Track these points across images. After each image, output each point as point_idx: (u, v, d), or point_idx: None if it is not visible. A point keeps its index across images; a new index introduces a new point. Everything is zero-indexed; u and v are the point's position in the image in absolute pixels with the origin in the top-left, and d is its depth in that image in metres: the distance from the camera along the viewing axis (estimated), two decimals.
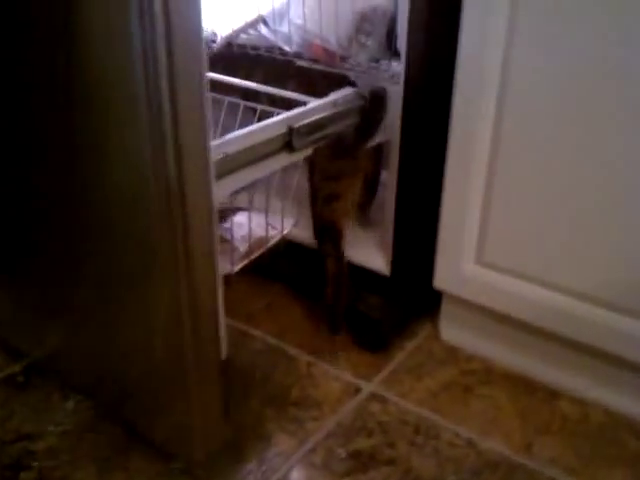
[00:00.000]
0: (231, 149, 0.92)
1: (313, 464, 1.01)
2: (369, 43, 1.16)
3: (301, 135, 1.01)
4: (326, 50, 1.18)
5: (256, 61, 1.29)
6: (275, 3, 1.22)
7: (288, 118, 1.01)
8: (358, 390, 1.15)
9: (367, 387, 1.15)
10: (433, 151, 1.12)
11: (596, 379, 1.12)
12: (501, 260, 1.11)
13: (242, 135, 0.94)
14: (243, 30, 1.29)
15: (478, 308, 1.17)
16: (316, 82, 1.30)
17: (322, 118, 1.05)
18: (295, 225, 1.18)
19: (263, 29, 1.26)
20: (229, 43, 1.31)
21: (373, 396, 1.13)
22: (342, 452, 1.03)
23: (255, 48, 1.28)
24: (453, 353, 1.23)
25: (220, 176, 0.91)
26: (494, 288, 1.12)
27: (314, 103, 1.06)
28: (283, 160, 1.02)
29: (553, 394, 1.15)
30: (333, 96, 1.10)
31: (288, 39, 1.21)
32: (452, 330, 1.26)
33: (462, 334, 1.24)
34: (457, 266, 1.15)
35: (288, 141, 1.00)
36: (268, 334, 1.27)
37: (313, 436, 1.05)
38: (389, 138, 1.15)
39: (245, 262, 1.09)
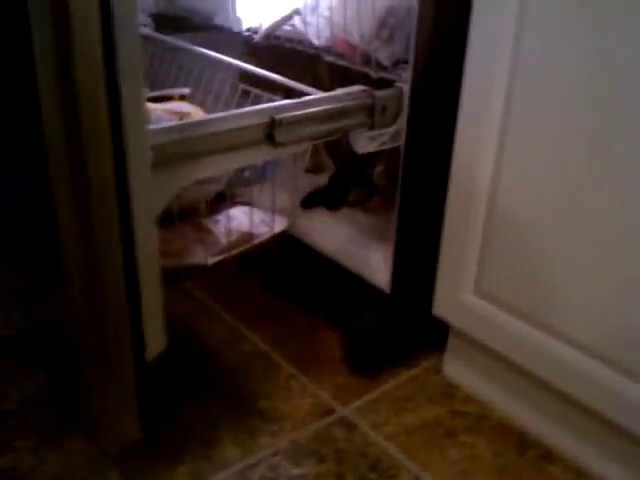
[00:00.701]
0: (196, 132, 0.87)
1: (246, 478, 0.93)
2: (392, 40, 1.07)
3: (285, 128, 0.94)
4: (349, 45, 1.11)
5: (289, 54, 1.25)
6: None
7: (271, 108, 0.94)
8: (330, 412, 1.06)
9: (340, 411, 1.06)
10: (439, 162, 1.01)
11: (599, 448, 0.95)
12: (499, 293, 0.98)
13: (213, 118, 0.90)
14: (280, 23, 1.25)
15: (481, 344, 1.04)
16: (336, 78, 1.24)
17: (314, 112, 0.97)
18: (291, 225, 1.12)
19: (297, 21, 1.21)
20: (268, 35, 1.28)
21: (342, 421, 1.04)
22: (283, 473, 0.95)
23: (290, 41, 1.24)
24: (450, 391, 1.11)
25: (182, 159, 0.87)
26: (490, 322, 0.99)
27: (309, 97, 0.99)
28: (264, 153, 0.96)
29: (546, 456, 0.99)
30: (336, 92, 1.02)
31: (317, 32, 1.16)
32: (455, 366, 1.13)
33: (464, 372, 1.12)
34: (455, 294, 1.03)
35: (269, 133, 0.94)
36: (262, 339, 1.21)
37: (261, 451, 0.98)
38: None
39: (223, 256, 1.04)
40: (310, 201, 1.26)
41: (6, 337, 1.19)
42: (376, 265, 1.15)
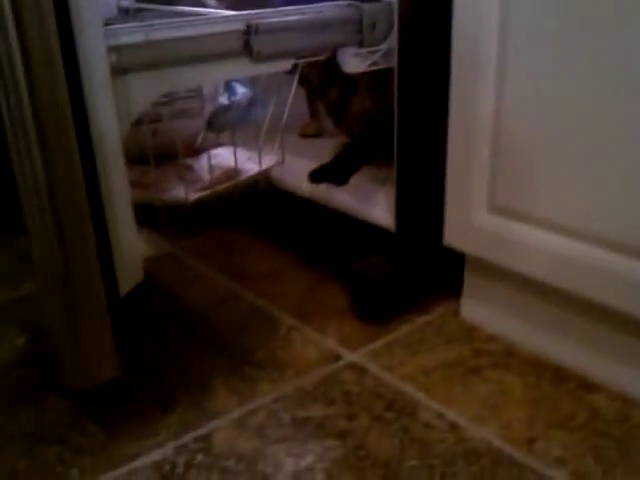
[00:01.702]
0: (161, 34, 0.79)
1: (244, 425, 0.82)
2: None
3: (263, 36, 0.86)
4: None
5: None
6: None
7: (247, 14, 0.86)
8: (337, 358, 0.94)
9: (349, 356, 0.95)
10: (437, 78, 0.92)
11: None
12: (513, 203, 0.87)
13: (181, 22, 0.81)
14: None
15: (502, 275, 0.93)
16: None
17: (295, 21, 0.89)
18: (279, 163, 1.02)
19: None
20: None
21: (351, 365, 0.93)
22: (286, 418, 0.83)
23: None
24: (470, 332, 0.99)
25: (145, 67, 0.78)
26: (509, 239, 0.88)
27: (290, 7, 0.91)
28: (242, 67, 0.87)
29: (587, 386, 0.87)
30: (320, 4, 0.94)
31: None
32: (473, 306, 1.01)
33: (484, 311, 1.00)
34: (468, 215, 0.92)
35: (246, 42, 0.85)
36: (259, 297, 1.10)
37: (261, 398, 0.87)
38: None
39: (205, 192, 0.94)
40: (319, 175, 1.15)
41: None
42: (377, 203, 1.05)
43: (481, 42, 0.84)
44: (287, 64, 0.91)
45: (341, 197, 1.07)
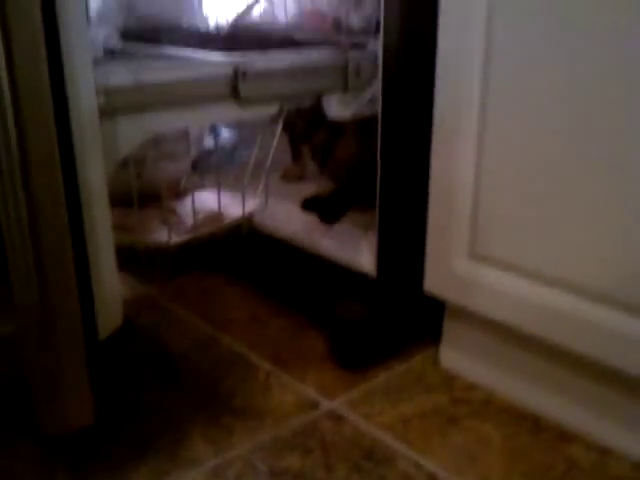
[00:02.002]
0: (150, 76, 0.79)
1: (220, 476, 0.80)
2: (362, 2, 1.02)
3: (251, 81, 0.87)
4: (318, 14, 1.06)
5: (258, 40, 1.19)
6: None
7: (235, 60, 0.87)
8: (316, 406, 0.93)
9: (327, 404, 0.94)
10: (419, 125, 0.93)
11: (623, 421, 0.83)
12: (494, 251, 0.88)
13: (170, 65, 0.82)
14: (246, 11, 1.21)
15: (482, 324, 0.94)
16: None
17: (282, 67, 0.90)
18: (262, 207, 1.03)
19: (263, 3, 1.17)
20: (235, 26, 1.23)
21: (330, 414, 0.92)
22: (263, 468, 0.82)
23: (258, 28, 1.19)
24: (449, 381, 0.99)
25: (133, 109, 0.79)
26: (489, 287, 0.89)
27: (277, 52, 0.92)
28: (229, 111, 0.88)
29: (564, 436, 0.87)
30: (307, 51, 0.95)
31: (284, 9, 1.11)
32: (453, 354, 1.02)
33: (464, 359, 1.00)
34: (448, 262, 0.93)
35: (234, 86, 0.86)
36: (237, 342, 1.09)
37: (238, 447, 0.85)
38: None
39: (188, 236, 0.94)
40: (310, 204, 1.16)
41: None
42: (359, 249, 1.05)
43: (463, 91, 0.85)
44: (273, 108, 0.93)
45: (323, 242, 1.08)
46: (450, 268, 0.93)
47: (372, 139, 0.96)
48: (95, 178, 0.73)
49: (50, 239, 0.67)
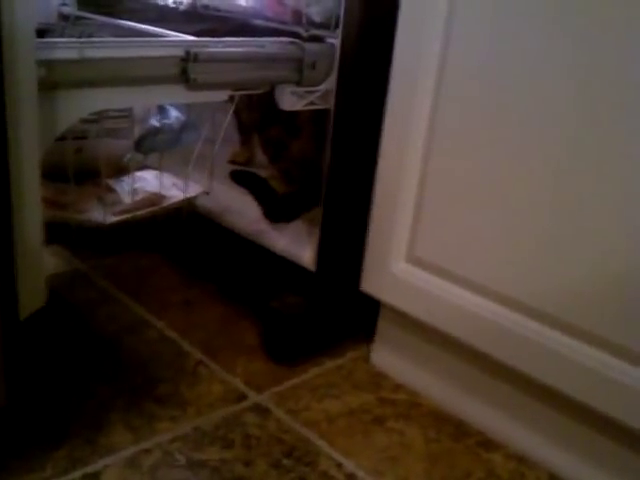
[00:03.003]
0: (97, 53, 0.76)
1: (137, 465, 0.79)
2: None
3: (202, 65, 0.85)
4: (279, 2, 1.04)
5: (217, 21, 1.16)
6: None
7: (188, 41, 0.85)
8: (242, 398, 0.92)
9: (254, 397, 0.93)
10: (370, 124, 0.93)
11: (542, 432, 0.85)
12: (432, 257, 0.88)
13: (120, 42, 0.79)
14: None
15: (414, 326, 0.94)
16: None
17: (235, 53, 0.88)
18: (205, 193, 1.01)
19: None
20: (194, 3, 1.19)
21: (256, 407, 0.91)
22: (181, 459, 0.80)
23: (217, 9, 1.16)
24: (378, 380, 0.99)
25: (76, 84, 0.76)
26: (424, 291, 0.89)
27: (231, 38, 0.90)
28: (177, 94, 0.85)
29: (485, 443, 0.88)
30: (262, 39, 0.93)
31: None
32: (384, 354, 1.02)
33: (394, 359, 1.01)
34: (386, 264, 0.93)
35: (184, 69, 0.84)
36: (169, 327, 1.07)
37: (157, 436, 0.84)
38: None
39: (125, 216, 0.91)
40: (240, 178, 1.13)
41: None
42: (299, 242, 1.04)
43: (415, 94, 0.85)
44: (223, 95, 0.91)
45: (266, 232, 1.06)
46: (387, 269, 0.93)
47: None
48: (28, 151, 0.69)
49: None
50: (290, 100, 0.97)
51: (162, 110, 1.07)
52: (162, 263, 1.26)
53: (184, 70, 0.84)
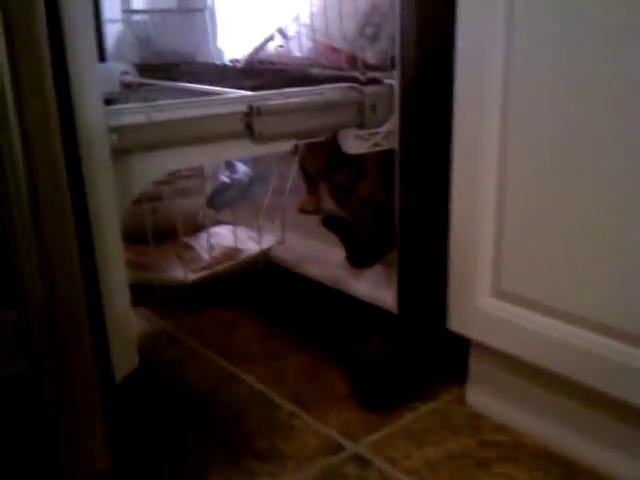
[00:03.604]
0: (164, 116, 0.78)
1: None
2: (378, 37, 1.00)
3: (265, 118, 0.85)
4: (333, 49, 1.04)
5: (273, 75, 1.18)
6: (288, 12, 1.12)
7: (250, 96, 0.86)
8: (339, 449, 0.90)
9: (351, 447, 0.90)
10: (438, 160, 0.91)
11: None
12: (518, 289, 0.85)
13: (184, 102, 0.80)
14: (261, 46, 1.20)
15: (508, 363, 0.90)
16: None
17: (297, 103, 0.88)
18: (279, 243, 1.00)
19: (278, 38, 1.15)
20: (250, 60, 1.22)
21: (355, 457, 0.88)
22: None
23: (273, 63, 1.18)
24: (477, 421, 0.95)
25: (147, 147, 0.77)
26: (514, 325, 0.85)
27: (291, 89, 0.90)
28: (244, 148, 0.86)
29: None
30: (322, 87, 0.93)
31: (299, 44, 1.10)
32: (479, 394, 0.98)
33: (491, 399, 0.96)
34: (471, 300, 0.90)
35: (248, 123, 0.84)
36: (258, 380, 1.06)
37: None
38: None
39: (205, 273, 0.91)
40: (331, 223, 1.13)
41: None
42: (379, 285, 1.02)
43: (482, 129, 0.83)
44: (288, 145, 0.90)
45: (343, 277, 1.05)
46: (473, 306, 0.89)
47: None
48: (108, 218, 0.70)
49: (63, 285, 0.65)
50: (355, 144, 0.96)
51: (230, 165, 1.08)
52: (242, 316, 1.26)
53: (248, 124, 0.84)
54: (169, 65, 1.42)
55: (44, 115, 0.61)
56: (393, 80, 0.92)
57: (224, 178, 1.02)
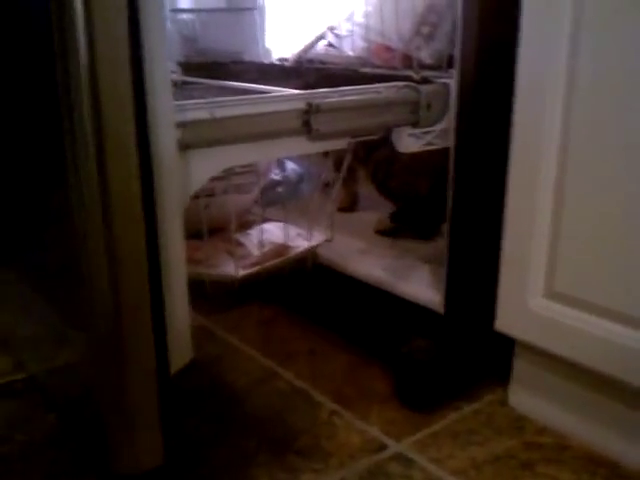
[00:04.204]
0: (226, 112, 0.79)
1: None
2: (434, 36, 1.01)
3: (323, 115, 0.86)
4: (387, 49, 1.05)
5: (323, 74, 1.18)
6: (341, 11, 1.13)
7: (308, 93, 0.87)
8: (382, 447, 0.90)
9: (394, 446, 0.91)
10: (494, 160, 0.91)
11: None
12: (575, 290, 0.84)
13: (244, 99, 0.82)
14: (312, 45, 1.21)
15: (554, 364, 0.90)
16: None
17: (355, 101, 0.89)
18: (328, 240, 1.01)
19: (330, 37, 1.16)
20: (299, 59, 1.23)
21: (398, 456, 0.89)
22: None
23: (322, 62, 1.19)
24: (520, 423, 0.95)
25: (207, 143, 0.78)
26: (566, 327, 0.86)
27: (349, 87, 0.91)
28: (300, 145, 0.87)
29: None
30: (378, 85, 0.94)
31: (351, 43, 1.10)
32: (523, 395, 0.98)
33: (534, 400, 0.96)
34: (522, 300, 0.90)
35: (306, 121, 0.85)
36: (298, 377, 1.07)
37: None
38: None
39: (255, 269, 0.93)
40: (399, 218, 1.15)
41: (15, 381, 1.07)
42: (425, 285, 1.03)
43: (542, 130, 0.83)
44: (343, 142, 0.91)
45: (386, 275, 1.06)
46: (525, 307, 0.89)
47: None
48: (172, 213, 0.72)
49: (128, 274, 0.66)
50: (408, 142, 0.97)
51: (280, 163, 1.09)
52: (283, 314, 1.27)
53: (306, 122, 0.85)
54: (215, 64, 1.43)
55: (120, 107, 0.63)
56: (449, 79, 0.93)
57: (274, 175, 1.03)
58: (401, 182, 1.14)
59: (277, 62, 1.26)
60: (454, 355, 0.99)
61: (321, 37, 1.18)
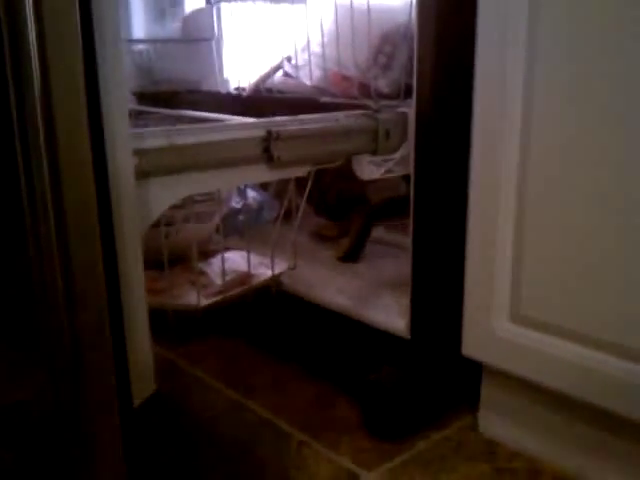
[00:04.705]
0: (182, 139, 0.78)
1: None
2: (391, 66, 1.01)
3: (283, 143, 0.85)
4: (344, 78, 1.05)
5: (282, 103, 1.18)
6: (298, 41, 1.13)
7: (268, 121, 0.86)
8: (354, 477, 0.89)
9: (365, 476, 0.89)
10: (454, 186, 0.92)
11: None
12: (540, 313, 0.84)
13: (203, 127, 0.81)
14: (269, 74, 1.21)
15: (522, 388, 0.90)
16: None
17: (314, 129, 0.89)
18: (292, 268, 1.00)
19: (286, 66, 1.16)
20: (257, 89, 1.22)
21: None
22: None
23: (280, 91, 1.19)
24: (491, 448, 0.94)
25: (166, 171, 0.77)
26: (534, 351, 0.85)
27: (308, 115, 0.91)
28: (260, 173, 0.86)
29: None
30: (336, 113, 0.94)
31: (309, 72, 1.10)
32: (493, 420, 0.97)
33: (505, 425, 0.95)
34: (488, 325, 0.89)
35: (266, 148, 0.85)
36: (265, 408, 1.04)
37: None
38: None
39: (218, 298, 0.91)
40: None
41: None
42: (391, 310, 1.02)
43: (501, 153, 0.84)
44: (304, 170, 0.91)
45: (351, 302, 1.04)
46: (490, 330, 0.89)
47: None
48: (131, 240, 0.70)
49: (87, 306, 0.64)
50: (368, 169, 0.97)
51: (241, 191, 1.08)
52: (247, 345, 1.25)
53: (266, 149, 0.84)
54: (170, 93, 1.42)
55: (76, 135, 0.61)
56: (406, 108, 0.94)
57: (235, 203, 1.02)
58: (337, 190, 1.14)
59: (234, 92, 1.26)
60: (422, 382, 0.98)
61: (279, 67, 1.18)
